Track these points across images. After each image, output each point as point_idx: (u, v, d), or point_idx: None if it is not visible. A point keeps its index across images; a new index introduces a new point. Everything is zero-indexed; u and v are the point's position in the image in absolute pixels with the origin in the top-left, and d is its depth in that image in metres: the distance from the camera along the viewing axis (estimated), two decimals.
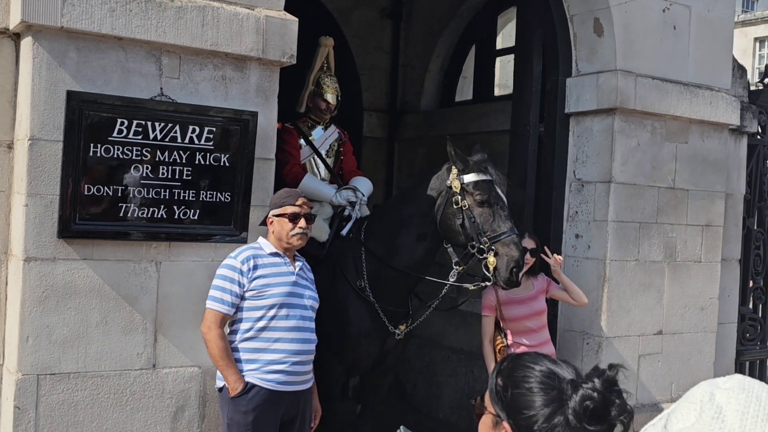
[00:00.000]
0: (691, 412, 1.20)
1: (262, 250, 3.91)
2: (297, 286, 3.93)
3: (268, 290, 3.80)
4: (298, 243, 3.94)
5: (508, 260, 4.52)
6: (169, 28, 3.82)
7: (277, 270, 3.89)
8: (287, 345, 3.83)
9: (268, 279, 3.83)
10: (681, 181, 5.92)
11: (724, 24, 6.17)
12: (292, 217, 3.88)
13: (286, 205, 3.91)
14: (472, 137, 7.27)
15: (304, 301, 3.96)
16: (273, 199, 4.01)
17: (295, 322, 3.88)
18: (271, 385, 3.79)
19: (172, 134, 3.86)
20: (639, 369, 5.78)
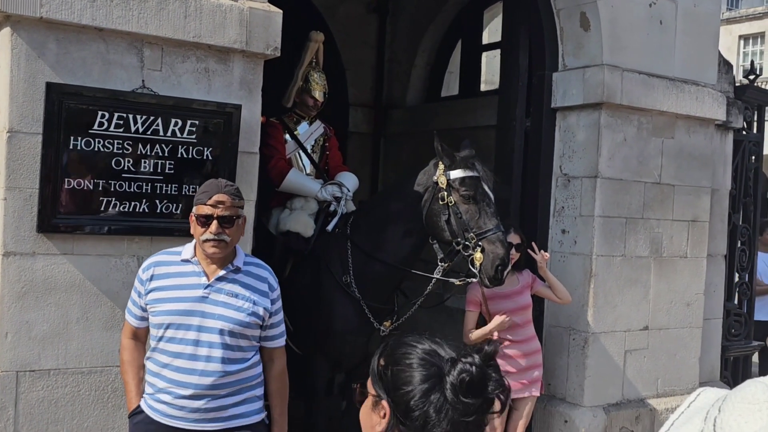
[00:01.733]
0: (755, 414, 1.13)
1: (177, 255, 3.26)
2: (204, 302, 3.15)
3: (158, 306, 3.17)
4: (211, 251, 3.14)
5: (493, 257, 4.49)
6: (151, 20, 3.76)
7: (179, 282, 3.19)
8: (172, 374, 3.14)
9: (162, 293, 3.18)
10: (667, 177, 5.91)
11: (711, 19, 6.16)
12: (203, 220, 3.14)
13: (198, 203, 3.19)
14: (458, 132, 7.24)
15: (209, 322, 3.14)
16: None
17: (185, 348, 3.13)
18: (157, 416, 3.18)
19: (154, 127, 3.79)
20: (625, 364, 5.77)
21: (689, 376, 6.16)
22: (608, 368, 5.68)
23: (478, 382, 1.46)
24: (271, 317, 3.30)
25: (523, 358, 5.03)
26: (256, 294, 3.24)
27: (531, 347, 5.10)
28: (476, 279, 4.60)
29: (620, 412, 5.68)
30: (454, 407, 1.45)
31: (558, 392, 5.73)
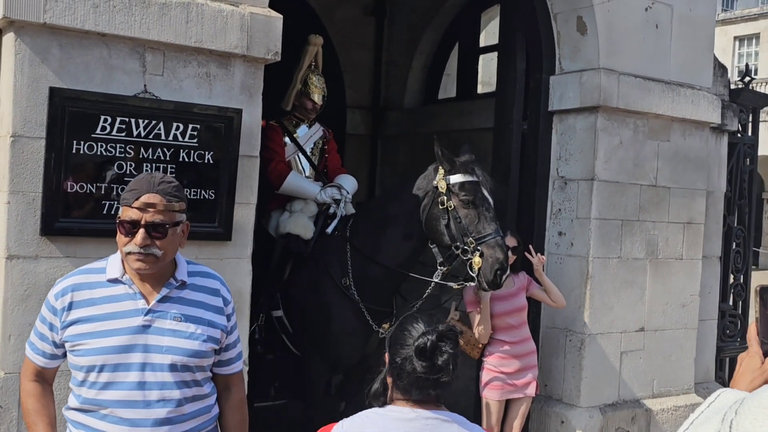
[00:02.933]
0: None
1: (101, 273, 2.54)
2: (146, 332, 2.48)
3: (83, 344, 2.46)
4: (137, 266, 2.46)
5: (492, 262, 4.54)
6: (153, 25, 3.80)
7: (110, 309, 2.49)
8: (115, 428, 2.46)
9: (88, 325, 2.47)
10: (663, 179, 5.96)
11: (706, 23, 6.21)
12: (127, 226, 2.47)
13: (123, 204, 2.52)
14: (455, 135, 7.30)
15: (156, 358, 2.48)
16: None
17: (130, 394, 2.47)
18: None
19: (155, 131, 3.83)
20: (621, 365, 5.82)
21: (684, 376, 6.22)
22: (604, 369, 5.73)
23: (430, 351, 2.12)
24: (228, 337, 2.66)
25: (519, 360, 5.07)
26: (210, 312, 2.60)
27: (526, 348, 5.15)
28: (474, 283, 4.65)
29: (616, 412, 5.73)
30: (413, 365, 2.13)
31: (554, 393, 5.78)
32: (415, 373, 2.14)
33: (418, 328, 2.18)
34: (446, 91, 8.44)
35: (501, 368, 5.06)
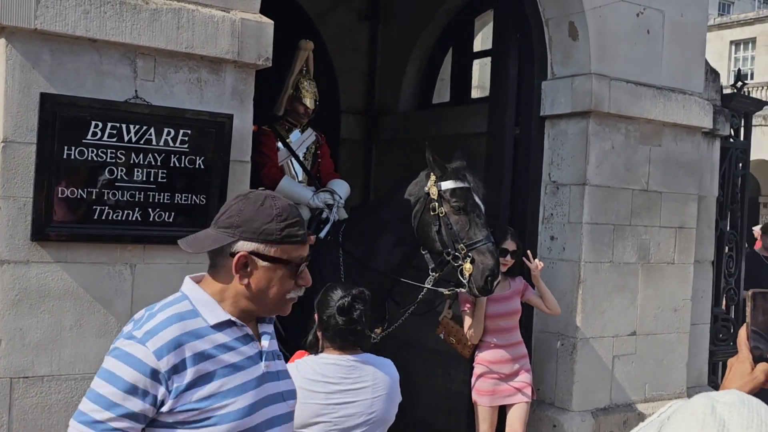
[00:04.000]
0: (692, 424, 1.21)
1: (197, 317, 1.97)
2: (265, 381, 2.04)
3: (218, 408, 1.91)
4: (287, 311, 2.07)
5: (483, 268, 4.56)
6: (144, 31, 3.82)
7: (232, 359, 1.98)
8: None
9: (215, 384, 1.92)
10: (655, 184, 5.99)
11: (697, 28, 6.24)
12: (296, 266, 2.02)
13: (292, 241, 1.99)
14: (449, 139, 7.32)
15: (279, 409, 2.07)
16: (248, 215, 1.98)
17: None
18: None
19: (146, 137, 3.85)
20: (613, 370, 5.84)
21: (677, 380, 6.23)
22: (596, 373, 5.75)
23: (347, 308, 2.90)
24: None
25: (511, 363, 5.09)
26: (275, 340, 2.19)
27: (518, 352, 5.17)
28: (465, 289, 4.67)
29: (608, 416, 5.75)
30: (336, 320, 2.90)
31: (547, 397, 5.79)
32: (337, 326, 2.90)
33: (338, 293, 2.96)
34: (440, 96, 8.45)
35: (494, 372, 5.07)
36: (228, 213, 2.00)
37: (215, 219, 2.04)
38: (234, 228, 1.98)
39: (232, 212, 2.00)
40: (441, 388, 7.24)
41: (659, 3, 5.96)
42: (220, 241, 1.98)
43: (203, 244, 2.02)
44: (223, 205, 2.08)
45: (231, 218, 1.98)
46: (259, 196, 2.03)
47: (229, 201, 2.09)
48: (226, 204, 2.07)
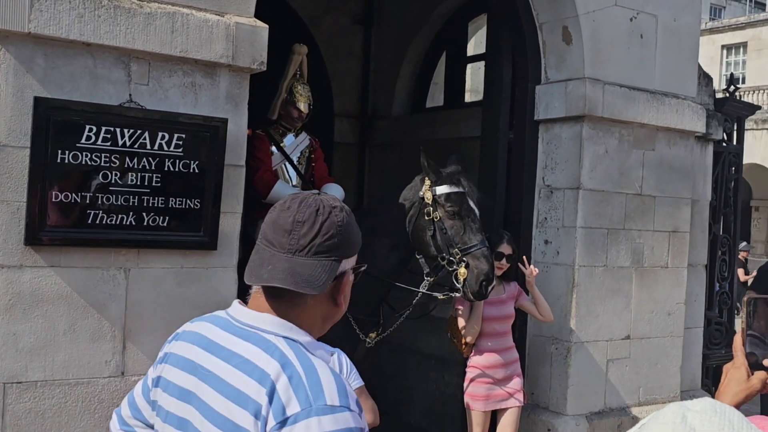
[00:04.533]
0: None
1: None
2: None
3: None
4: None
5: (478, 273, 4.56)
6: (138, 35, 3.81)
7: None
8: None
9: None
10: (648, 188, 6.00)
11: (690, 33, 6.26)
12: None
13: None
14: (442, 143, 7.33)
15: None
16: (346, 232, 1.79)
17: None
18: None
19: (141, 141, 3.83)
20: (607, 373, 5.84)
21: (670, 384, 6.24)
22: (591, 377, 5.75)
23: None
24: None
25: (504, 367, 5.09)
26: None
27: (511, 356, 5.17)
28: (460, 294, 4.67)
29: (602, 420, 5.75)
30: None
31: (541, 401, 5.79)
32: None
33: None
34: (434, 100, 8.46)
35: (487, 370, 5.06)
36: (324, 233, 1.74)
37: (305, 244, 1.72)
38: (336, 250, 1.76)
39: (329, 231, 1.74)
40: (435, 392, 7.23)
41: (652, 8, 5.98)
42: (333, 270, 1.76)
43: (320, 281, 1.72)
44: (302, 222, 1.74)
45: (331, 240, 1.74)
46: (327, 204, 1.78)
47: (304, 214, 1.75)
48: (305, 220, 1.74)
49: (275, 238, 1.76)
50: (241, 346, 1.72)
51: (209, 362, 1.75)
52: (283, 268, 1.72)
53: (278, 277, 1.71)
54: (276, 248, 1.75)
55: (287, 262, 1.72)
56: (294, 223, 1.74)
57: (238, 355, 1.70)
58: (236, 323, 1.78)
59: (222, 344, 1.76)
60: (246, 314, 1.78)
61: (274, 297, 1.75)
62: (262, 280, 1.74)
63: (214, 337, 1.79)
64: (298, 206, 1.76)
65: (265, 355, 1.67)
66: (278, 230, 1.76)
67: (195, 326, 1.89)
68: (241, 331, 1.75)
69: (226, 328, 1.79)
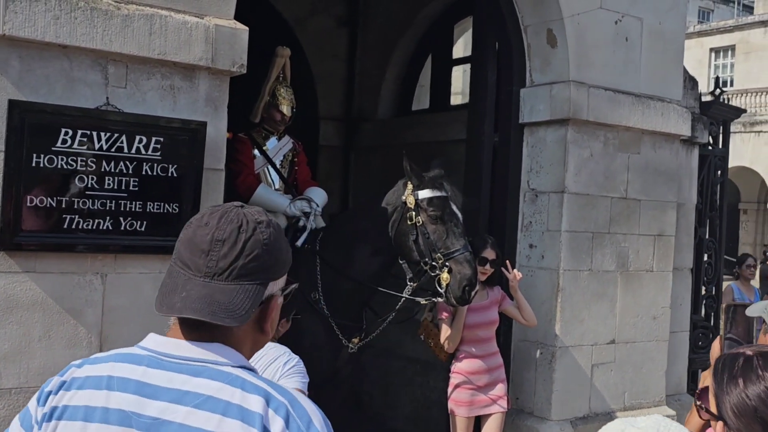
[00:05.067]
0: None
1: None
2: None
3: None
4: None
5: (461, 278, 4.52)
6: (116, 37, 3.75)
7: None
8: None
9: None
10: (633, 192, 5.98)
11: (675, 36, 6.25)
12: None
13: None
14: (428, 146, 7.29)
15: None
16: (275, 249, 1.60)
17: None
18: None
19: (118, 144, 3.78)
20: (592, 378, 5.82)
21: (656, 389, 6.22)
22: (575, 382, 5.72)
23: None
24: None
25: (487, 373, 5.06)
26: None
27: (495, 362, 5.13)
28: (443, 299, 4.63)
29: (587, 425, 5.72)
30: None
31: (526, 406, 5.76)
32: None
33: None
34: (420, 103, 8.42)
35: (470, 376, 5.03)
36: (247, 254, 1.52)
37: (225, 267, 1.52)
38: (262, 272, 1.55)
39: (253, 251, 1.53)
40: (420, 397, 7.19)
41: (638, 11, 5.96)
42: (258, 295, 1.55)
43: (242, 309, 1.51)
44: (221, 241, 1.52)
45: (256, 261, 1.53)
46: (251, 219, 1.56)
47: (225, 231, 1.53)
48: (226, 239, 1.52)
49: (191, 260, 1.52)
50: (193, 383, 1.48)
51: (152, 408, 1.47)
52: (200, 295, 1.49)
53: (193, 307, 1.48)
54: (192, 271, 1.52)
55: (204, 288, 1.50)
56: (212, 242, 1.52)
57: (196, 394, 1.47)
58: (170, 359, 1.52)
59: (163, 385, 1.49)
60: (181, 347, 1.52)
61: (193, 328, 1.53)
62: (173, 310, 1.51)
63: (145, 379, 1.51)
64: (217, 222, 1.53)
65: (231, 388, 1.47)
66: (194, 250, 1.52)
67: (95, 369, 1.57)
68: (184, 366, 1.50)
69: (158, 366, 1.52)
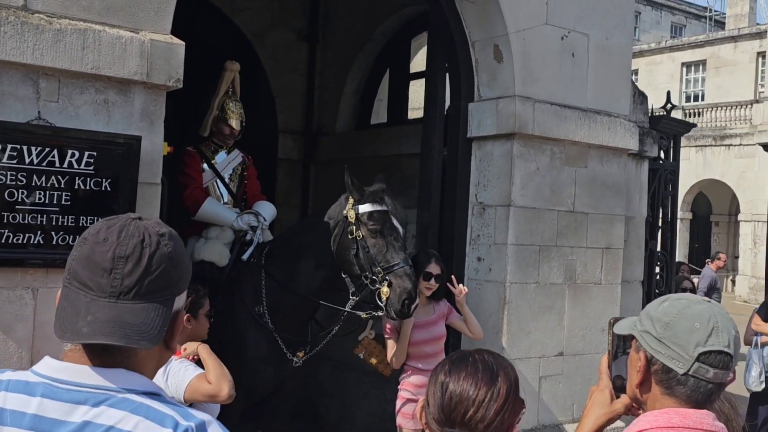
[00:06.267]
0: None
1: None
2: None
3: None
4: None
5: (400, 292, 4.54)
6: (47, 51, 3.75)
7: None
8: None
9: None
10: (581, 205, 6.03)
11: (622, 52, 6.33)
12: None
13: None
14: (385, 160, 7.34)
15: None
16: (181, 262, 1.56)
17: None
18: None
19: (49, 159, 3.77)
20: (540, 390, 5.85)
21: None
22: (523, 394, 5.73)
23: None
24: None
25: None
26: None
27: None
28: (383, 312, 4.65)
29: None
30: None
31: None
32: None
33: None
34: (379, 117, 8.48)
35: (418, 390, 5.03)
36: (154, 269, 1.47)
37: (131, 285, 1.45)
38: (170, 287, 1.51)
39: (160, 266, 1.47)
40: (376, 410, 7.19)
41: (584, 27, 6.04)
42: (168, 312, 1.49)
43: (155, 329, 1.45)
44: (125, 258, 1.46)
45: (164, 276, 1.48)
46: (153, 232, 1.51)
47: (127, 247, 1.46)
48: (129, 255, 1.46)
49: (92, 279, 1.44)
50: (93, 413, 1.40)
51: None
52: (108, 317, 1.41)
53: (103, 331, 1.40)
54: (94, 292, 1.43)
55: (112, 309, 1.42)
56: (115, 260, 1.44)
57: (96, 425, 1.39)
58: (68, 387, 1.43)
59: (61, 418, 1.41)
60: (81, 374, 1.44)
61: (96, 353, 1.45)
62: (81, 336, 1.41)
63: (40, 412, 1.42)
64: (117, 237, 1.46)
65: (134, 417, 1.40)
66: (94, 269, 1.44)
67: None
68: (84, 395, 1.42)
69: (54, 395, 1.43)
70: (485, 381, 1.89)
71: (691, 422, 1.75)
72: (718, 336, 1.76)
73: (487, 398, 1.87)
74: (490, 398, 1.86)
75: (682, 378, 1.78)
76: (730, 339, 1.77)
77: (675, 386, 1.79)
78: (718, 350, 1.75)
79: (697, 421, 1.75)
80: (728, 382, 1.81)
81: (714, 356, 1.76)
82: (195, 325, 3.79)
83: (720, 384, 1.78)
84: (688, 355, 1.76)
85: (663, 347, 1.80)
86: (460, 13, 5.85)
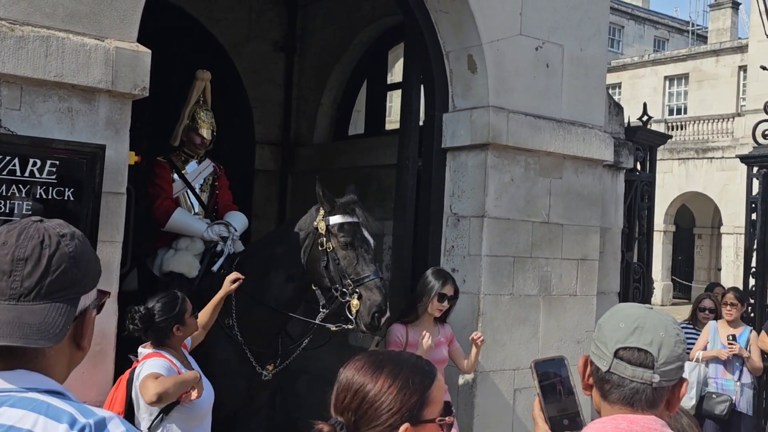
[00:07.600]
0: None
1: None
2: None
3: None
4: None
5: (370, 305, 4.49)
6: (9, 59, 3.70)
7: None
8: None
9: None
10: (555, 216, 6.01)
11: (597, 63, 6.33)
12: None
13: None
14: (363, 171, 7.31)
15: None
16: (84, 261, 1.57)
17: None
18: None
19: (10, 167, 3.71)
20: (515, 403, 5.80)
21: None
22: (497, 407, 5.70)
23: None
24: None
25: None
26: None
27: None
28: (353, 326, 4.59)
29: None
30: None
31: None
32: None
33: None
34: (356, 128, 8.45)
35: None
36: (54, 270, 1.49)
37: (31, 286, 1.47)
38: (72, 286, 1.52)
39: (60, 266, 1.50)
40: None
41: (558, 38, 6.03)
42: (71, 311, 1.51)
43: (56, 328, 1.46)
44: (24, 260, 1.48)
45: (65, 275, 1.50)
46: (54, 233, 1.53)
47: (26, 249, 1.49)
48: (28, 257, 1.48)
49: None
50: None
51: None
52: (7, 319, 1.43)
53: (2, 333, 1.42)
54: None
55: (11, 311, 1.44)
56: (14, 262, 1.46)
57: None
58: None
59: None
60: None
61: (2, 354, 1.47)
62: None
63: None
64: (16, 240, 1.48)
65: (33, 415, 1.42)
66: None
67: None
68: None
69: None
70: (366, 371, 1.87)
71: (639, 427, 1.72)
72: (640, 335, 1.76)
73: (362, 387, 1.84)
74: (367, 388, 1.84)
75: (606, 376, 1.78)
76: (654, 339, 1.76)
77: (605, 387, 1.79)
78: (636, 347, 1.76)
79: (645, 426, 1.72)
80: (668, 387, 1.77)
81: (630, 352, 1.76)
82: (185, 330, 4.05)
83: (648, 385, 1.74)
84: (609, 352, 1.78)
85: (594, 347, 1.84)
86: (434, 24, 5.83)
